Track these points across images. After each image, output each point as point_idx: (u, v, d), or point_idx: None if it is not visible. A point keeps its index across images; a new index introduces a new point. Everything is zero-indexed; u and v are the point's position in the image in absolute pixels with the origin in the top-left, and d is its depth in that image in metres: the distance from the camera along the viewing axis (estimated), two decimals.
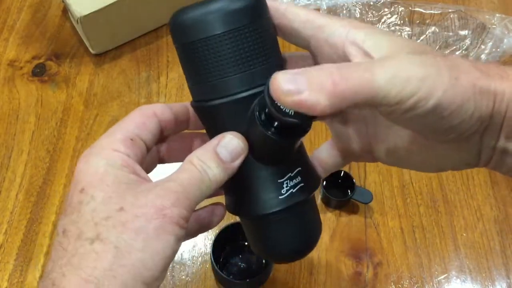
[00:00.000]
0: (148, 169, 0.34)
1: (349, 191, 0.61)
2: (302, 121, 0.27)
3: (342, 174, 0.62)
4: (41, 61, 0.76)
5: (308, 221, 0.35)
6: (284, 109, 0.27)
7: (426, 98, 0.25)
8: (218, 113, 0.32)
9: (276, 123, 0.29)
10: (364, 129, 0.33)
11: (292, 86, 0.25)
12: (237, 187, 0.33)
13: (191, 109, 0.34)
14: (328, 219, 0.62)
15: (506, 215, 0.62)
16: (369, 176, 0.65)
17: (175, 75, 0.74)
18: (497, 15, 0.71)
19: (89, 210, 0.28)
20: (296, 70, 0.26)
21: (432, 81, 0.25)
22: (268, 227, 0.34)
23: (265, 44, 0.31)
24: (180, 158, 0.31)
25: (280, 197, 0.32)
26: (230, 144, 0.30)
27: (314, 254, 0.59)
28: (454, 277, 0.58)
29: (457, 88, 0.25)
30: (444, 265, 0.59)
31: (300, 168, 0.33)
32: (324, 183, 0.61)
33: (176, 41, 0.31)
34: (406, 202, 0.63)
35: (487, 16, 0.72)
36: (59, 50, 0.77)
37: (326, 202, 0.62)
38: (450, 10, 0.73)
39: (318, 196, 0.63)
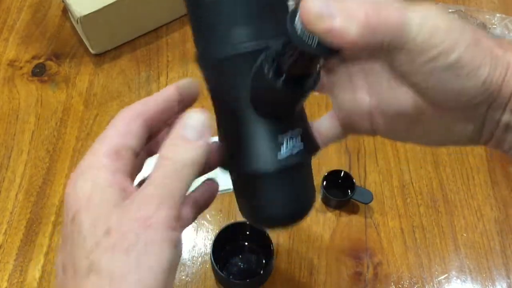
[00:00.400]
0: (139, 169, 0.33)
1: (349, 191, 0.61)
2: (323, 54, 0.26)
3: (342, 174, 0.62)
4: (41, 61, 0.76)
5: (303, 185, 0.33)
6: (307, 40, 0.25)
7: (449, 51, 0.25)
8: (222, 66, 0.31)
9: (284, 75, 0.28)
10: (367, 97, 0.32)
11: (325, 10, 0.24)
12: (234, 141, 0.32)
13: (175, 93, 0.33)
14: (328, 219, 0.62)
15: (507, 215, 0.62)
16: (369, 176, 0.65)
17: (175, 75, 0.74)
18: (497, 15, 0.71)
19: (80, 239, 0.27)
20: None
21: (457, 35, 0.26)
22: (262, 187, 0.32)
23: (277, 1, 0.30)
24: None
25: (278, 156, 0.31)
26: (193, 122, 0.30)
27: (314, 254, 0.59)
28: (454, 277, 0.58)
29: (477, 49, 0.26)
30: (444, 265, 0.59)
31: (301, 129, 0.32)
32: (324, 183, 0.61)
33: None
34: (406, 202, 0.63)
35: (487, 16, 0.72)
36: (59, 50, 0.77)
37: (326, 202, 0.62)
38: (450, 10, 0.73)
39: (318, 196, 0.63)
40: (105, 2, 0.69)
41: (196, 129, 0.30)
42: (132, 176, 0.30)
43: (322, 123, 0.35)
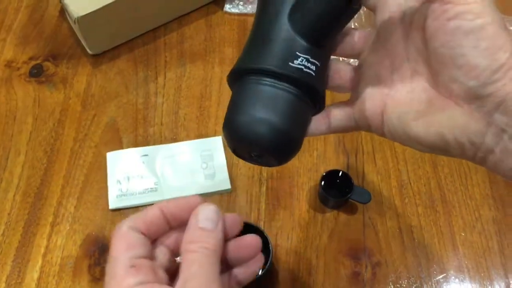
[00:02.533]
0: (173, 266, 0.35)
1: (347, 191, 0.61)
2: None
3: (340, 174, 0.62)
4: (38, 61, 0.76)
5: (296, 119, 0.32)
6: None
7: (477, 14, 0.27)
8: None
9: None
10: (386, 87, 0.33)
11: None
12: (258, 41, 0.32)
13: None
14: (327, 219, 0.62)
15: (505, 215, 0.62)
16: (368, 176, 0.65)
17: (172, 75, 0.74)
18: None
19: None
20: None
21: (488, 5, 0.27)
22: (257, 89, 0.32)
23: None
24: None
25: (289, 63, 0.31)
26: (208, 213, 0.32)
27: (313, 254, 0.59)
28: (453, 277, 0.58)
29: (502, 31, 0.27)
30: (442, 265, 0.59)
31: (319, 64, 0.32)
32: (322, 183, 0.61)
33: None
34: (404, 202, 0.63)
35: None
36: (56, 51, 0.77)
37: (325, 202, 0.62)
38: None
39: (316, 196, 0.63)
40: (102, 3, 0.69)
41: (212, 219, 0.32)
42: (161, 279, 0.32)
43: (336, 106, 0.36)
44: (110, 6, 0.69)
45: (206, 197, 0.64)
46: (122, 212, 0.63)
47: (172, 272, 0.34)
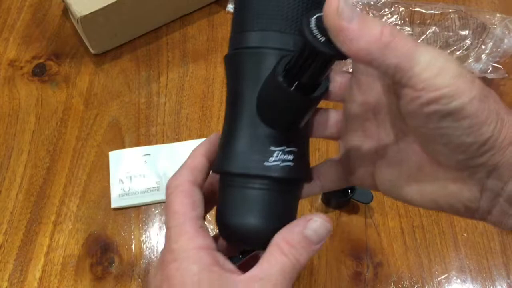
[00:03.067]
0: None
1: (349, 191, 0.60)
2: (328, 51, 0.26)
3: None
4: (41, 61, 0.76)
5: (282, 211, 0.32)
6: (318, 36, 0.26)
7: (452, 97, 0.25)
8: (239, 62, 0.31)
9: (294, 77, 0.29)
10: (374, 143, 0.32)
11: (347, 10, 0.25)
12: (228, 138, 0.32)
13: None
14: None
15: None
16: None
17: (175, 75, 0.74)
18: (498, 15, 0.71)
19: None
20: (352, 6, 0.25)
21: (463, 84, 0.25)
22: (235, 190, 0.32)
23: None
24: None
25: (265, 163, 0.31)
26: (319, 227, 0.31)
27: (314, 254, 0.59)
28: (455, 277, 0.58)
29: (483, 105, 0.25)
30: (444, 265, 0.59)
31: (297, 150, 0.32)
32: None
33: None
34: None
35: (487, 16, 0.71)
36: (59, 50, 0.77)
37: (326, 202, 0.62)
38: (450, 10, 0.73)
39: (318, 196, 0.63)
40: (105, 2, 0.69)
41: (320, 234, 0.31)
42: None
43: (325, 165, 0.35)
44: (113, 6, 0.70)
45: None
46: (124, 211, 0.63)
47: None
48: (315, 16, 0.26)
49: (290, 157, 0.31)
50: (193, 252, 0.30)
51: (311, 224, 0.31)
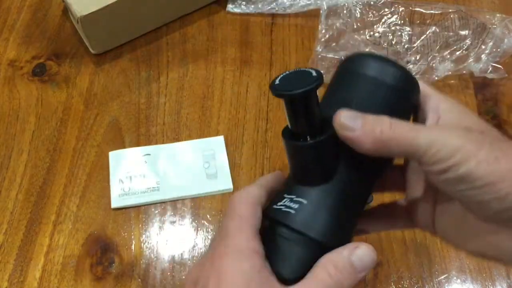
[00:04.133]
0: None
1: None
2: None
3: None
4: (41, 61, 0.76)
5: (277, 252, 0.34)
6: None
7: (458, 165, 0.28)
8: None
9: (287, 131, 0.35)
10: (431, 198, 0.35)
11: (349, 123, 0.31)
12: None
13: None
14: None
15: None
16: None
17: (175, 75, 0.74)
18: (498, 15, 0.71)
19: None
20: (357, 113, 0.31)
21: (466, 152, 0.28)
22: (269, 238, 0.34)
23: None
24: None
25: (273, 205, 0.34)
26: (365, 255, 0.33)
27: None
28: (455, 277, 0.58)
29: (493, 166, 0.28)
30: (444, 265, 0.59)
31: (305, 202, 0.33)
32: None
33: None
34: None
35: (487, 16, 0.71)
36: (59, 50, 0.77)
37: None
38: (450, 10, 0.73)
39: None
40: (105, 2, 0.69)
41: (365, 263, 0.33)
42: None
43: (391, 206, 0.39)
44: (113, 6, 0.70)
45: (208, 196, 0.64)
46: (124, 211, 0.63)
47: None
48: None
49: (295, 206, 0.33)
50: (248, 251, 0.31)
51: (357, 251, 0.33)
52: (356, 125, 0.30)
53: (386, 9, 0.73)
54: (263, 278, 0.31)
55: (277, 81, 0.33)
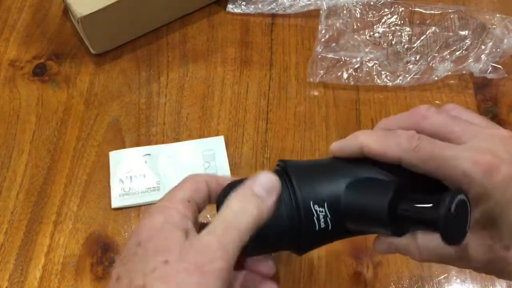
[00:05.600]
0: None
1: None
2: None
3: None
4: (41, 61, 0.76)
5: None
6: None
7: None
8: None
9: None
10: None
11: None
12: None
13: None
14: None
15: None
16: None
17: (175, 75, 0.74)
18: (497, 15, 0.71)
19: (142, 261, 0.31)
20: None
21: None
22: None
23: None
24: None
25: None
26: (264, 180, 0.33)
27: (314, 254, 0.59)
28: (454, 277, 0.58)
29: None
30: (444, 265, 0.59)
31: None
32: None
33: None
34: None
35: (487, 16, 0.72)
36: (59, 50, 0.77)
37: None
38: (450, 10, 0.73)
39: None
40: (105, 2, 0.69)
41: (266, 187, 0.33)
42: (195, 226, 0.34)
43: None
44: (113, 6, 0.70)
45: None
46: (125, 211, 0.63)
47: None
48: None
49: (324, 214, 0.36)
50: (168, 209, 0.33)
51: (257, 179, 0.33)
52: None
53: (386, 9, 0.74)
54: (173, 232, 0.32)
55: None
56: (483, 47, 0.70)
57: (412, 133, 0.35)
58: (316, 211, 0.35)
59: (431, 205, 0.31)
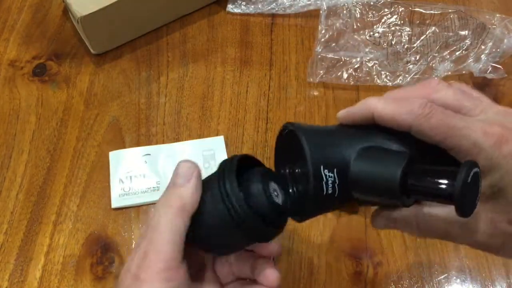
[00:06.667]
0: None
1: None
2: None
3: None
4: (41, 61, 0.76)
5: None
6: None
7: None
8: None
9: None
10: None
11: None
12: None
13: None
14: (328, 219, 0.62)
15: None
16: None
17: (175, 75, 0.74)
18: (497, 15, 0.71)
19: None
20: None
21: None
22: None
23: None
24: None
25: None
26: (181, 170, 0.35)
27: (314, 254, 0.59)
28: (454, 277, 0.58)
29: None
30: (444, 265, 0.59)
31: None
32: None
33: None
34: None
35: (487, 16, 0.72)
36: (59, 50, 0.77)
37: None
38: (450, 10, 0.73)
39: None
40: (105, 2, 0.69)
41: (184, 175, 0.35)
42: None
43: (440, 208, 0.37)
44: (113, 6, 0.70)
45: None
46: (125, 211, 0.63)
47: None
48: None
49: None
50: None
51: (175, 171, 0.36)
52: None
53: (386, 9, 0.74)
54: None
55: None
56: (483, 47, 0.70)
57: (425, 101, 0.34)
58: (325, 175, 0.34)
59: (446, 177, 0.31)
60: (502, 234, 0.34)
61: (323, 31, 0.72)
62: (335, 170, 0.34)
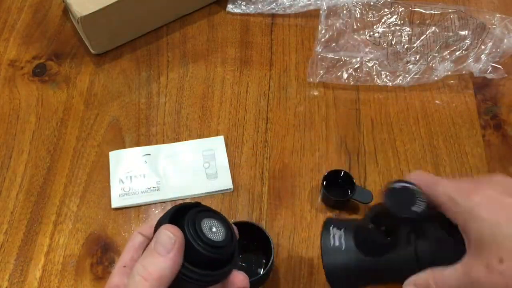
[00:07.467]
0: None
1: (349, 191, 0.61)
2: None
3: (342, 174, 0.62)
4: (41, 61, 0.76)
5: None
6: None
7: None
8: None
9: None
10: None
11: None
12: None
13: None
14: None
15: None
16: (369, 176, 0.65)
17: (175, 75, 0.74)
18: (497, 15, 0.71)
19: None
20: None
21: None
22: None
23: None
24: None
25: None
26: (163, 239, 0.34)
27: (314, 253, 0.59)
28: None
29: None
30: None
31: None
32: (324, 182, 0.61)
33: None
34: None
35: (487, 16, 0.72)
36: (59, 50, 0.77)
37: (326, 202, 0.62)
38: (450, 10, 0.73)
39: (318, 196, 0.63)
40: (105, 3, 0.69)
41: (165, 245, 0.33)
42: None
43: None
44: (113, 6, 0.70)
45: (208, 196, 0.64)
46: (125, 211, 0.63)
47: None
48: None
49: None
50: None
51: (156, 238, 0.34)
52: None
53: (386, 9, 0.74)
54: None
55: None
56: (483, 47, 0.70)
57: None
58: None
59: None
60: (498, 273, 0.37)
61: (323, 31, 0.72)
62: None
